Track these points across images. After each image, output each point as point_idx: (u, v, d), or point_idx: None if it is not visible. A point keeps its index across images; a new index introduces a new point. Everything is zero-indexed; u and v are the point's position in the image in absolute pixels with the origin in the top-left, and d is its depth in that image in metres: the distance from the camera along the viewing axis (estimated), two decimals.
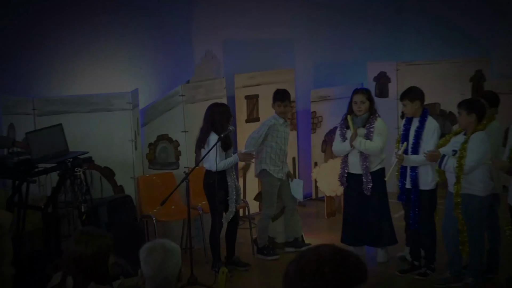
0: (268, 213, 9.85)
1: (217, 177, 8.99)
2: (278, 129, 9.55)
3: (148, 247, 4.75)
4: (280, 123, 9.57)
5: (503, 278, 8.61)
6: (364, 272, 3.09)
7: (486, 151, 8.07)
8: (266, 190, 9.88)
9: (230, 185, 9.23)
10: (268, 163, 9.65)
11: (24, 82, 9.71)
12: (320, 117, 12.04)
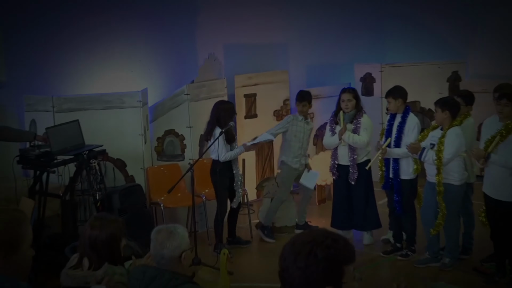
0: (282, 198, 9.92)
1: (223, 166, 9.09)
2: (298, 125, 9.59)
3: (157, 228, 4.82)
4: (299, 120, 9.61)
5: (476, 259, 8.63)
6: (353, 253, 3.10)
7: (461, 145, 8.11)
8: (283, 177, 9.93)
9: (235, 173, 9.31)
10: (287, 155, 9.72)
11: (44, 82, 9.71)
12: (311, 114, 12.01)
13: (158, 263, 4.72)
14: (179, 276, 4.64)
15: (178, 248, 4.68)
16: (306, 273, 3.01)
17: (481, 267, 8.41)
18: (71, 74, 10.02)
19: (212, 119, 9.20)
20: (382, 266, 8.90)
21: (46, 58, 9.71)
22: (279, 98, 11.71)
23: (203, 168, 9.75)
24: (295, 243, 3.08)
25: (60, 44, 9.79)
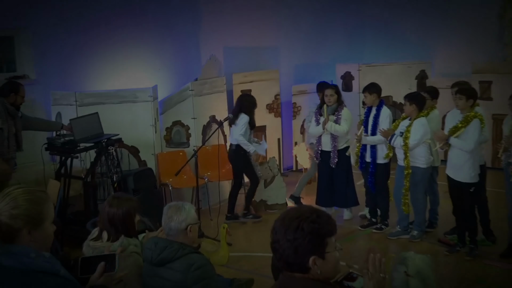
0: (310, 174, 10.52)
1: (242, 150, 9.39)
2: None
3: (169, 204, 4.91)
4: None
5: (440, 232, 8.65)
6: (334, 227, 3.12)
7: (425, 133, 8.17)
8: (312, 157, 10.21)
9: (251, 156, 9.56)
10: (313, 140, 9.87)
11: (68, 79, 9.68)
12: (299, 107, 12.03)
13: (167, 234, 4.78)
14: (186, 247, 4.68)
15: (184, 222, 4.72)
16: (294, 244, 3.03)
17: (444, 238, 8.45)
18: (92, 73, 9.99)
19: (237, 108, 9.44)
20: (360, 238, 8.91)
21: (70, 58, 9.68)
22: (271, 93, 11.69)
23: (205, 154, 9.78)
24: (285, 219, 3.10)
25: (82, 46, 9.75)
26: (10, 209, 2.86)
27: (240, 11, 11.66)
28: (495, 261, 7.78)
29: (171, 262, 4.64)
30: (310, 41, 12.79)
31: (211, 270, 4.67)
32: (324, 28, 13.00)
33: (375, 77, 10.64)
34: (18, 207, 2.87)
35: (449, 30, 12.64)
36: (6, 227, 2.85)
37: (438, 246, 8.37)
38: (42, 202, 2.94)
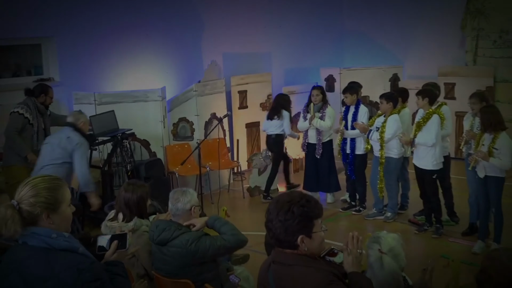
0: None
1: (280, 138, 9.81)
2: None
3: (174, 190, 4.94)
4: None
5: (411, 213, 8.67)
6: (321, 210, 3.14)
7: (398, 128, 8.20)
8: None
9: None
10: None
11: (88, 82, 9.66)
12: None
13: (174, 215, 4.81)
14: (181, 227, 4.72)
15: (189, 203, 4.77)
16: (285, 225, 3.05)
17: (414, 219, 8.49)
18: (109, 75, 9.97)
19: (276, 105, 9.77)
20: (341, 219, 8.91)
21: (90, 63, 9.67)
22: (264, 94, 11.65)
23: (207, 146, 9.78)
24: (278, 202, 3.11)
25: (100, 52, 9.74)
26: (29, 197, 2.84)
27: (237, 21, 11.63)
28: (457, 239, 7.82)
29: (170, 241, 4.67)
30: (298, 48, 12.76)
31: (205, 240, 4.65)
32: (310, 36, 12.96)
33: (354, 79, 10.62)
34: (36, 195, 2.85)
35: (418, 39, 12.64)
36: (27, 213, 2.84)
37: (408, 226, 8.39)
38: (58, 188, 2.93)
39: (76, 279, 2.76)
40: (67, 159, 6.86)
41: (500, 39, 11.53)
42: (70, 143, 6.87)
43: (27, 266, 2.81)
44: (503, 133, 6.87)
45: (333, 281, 3.00)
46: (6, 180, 7.62)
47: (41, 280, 2.78)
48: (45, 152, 6.98)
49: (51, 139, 7.13)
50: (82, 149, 6.98)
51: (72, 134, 6.96)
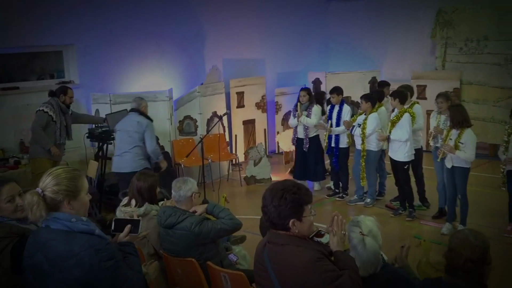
0: None
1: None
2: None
3: (175, 179, 4.94)
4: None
5: (387, 199, 8.69)
6: (311, 197, 3.16)
7: (377, 124, 8.25)
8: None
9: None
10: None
11: (104, 84, 9.66)
12: (280, 105, 12.00)
13: (177, 201, 4.84)
14: (186, 212, 4.74)
15: (190, 190, 4.79)
16: (278, 209, 3.06)
17: (390, 204, 8.51)
18: (122, 78, 9.97)
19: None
20: (326, 204, 8.92)
21: (106, 67, 9.67)
22: (259, 95, 11.64)
23: (209, 141, 9.76)
24: (273, 189, 3.13)
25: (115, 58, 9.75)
26: (53, 185, 2.85)
27: (235, 31, 11.62)
28: (428, 221, 7.86)
29: (176, 225, 4.68)
30: (289, 54, 12.75)
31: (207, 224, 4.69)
32: (299, 44, 12.95)
33: (338, 82, 10.65)
34: (58, 184, 2.86)
35: (394, 46, 12.65)
36: (50, 199, 2.85)
37: (385, 210, 8.41)
38: (77, 178, 2.94)
39: (94, 258, 2.77)
40: (138, 143, 7.29)
41: (465, 46, 11.54)
42: (141, 126, 7.28)
43: (50, 246, 2.82)
44: (469, 129, 6.90)
45: (321, 258, 3.01)
46: (32, 171, 7.64)
47: (63, 259, 2.78)
48: (121, 138, 7.42)
49: (123, 126, 7.41)
50: (150, 129, 7.41)
51: (140, 118, 7.37)
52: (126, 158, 7.31)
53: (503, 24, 10.97)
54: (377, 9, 12.84)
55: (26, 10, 8.59)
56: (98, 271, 2.77)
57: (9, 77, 9.12)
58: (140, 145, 7.31)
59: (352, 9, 13.24)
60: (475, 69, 11.43)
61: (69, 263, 2.77)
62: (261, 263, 3.18)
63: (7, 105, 8.62)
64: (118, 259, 2.89)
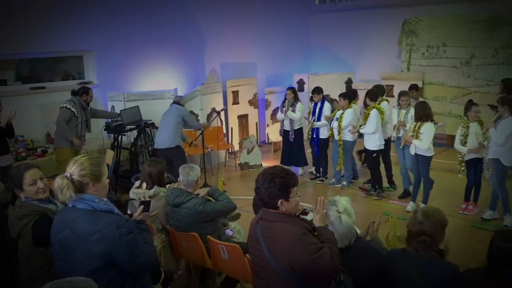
0: None
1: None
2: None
3: (183, 166, 4.93)
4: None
5: (361, 182, 8.72)
6: (296, 181, 3.17)
7: (353, 118, 8.26)
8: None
9: None
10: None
11: (119, 83, 9.65)
12: (270, 102, 11.99)
13: (185, 185, 4.82)
14: (191, 194, 4.74)
15: (196, 176, 4.80)
16: (268, 191, 3.07)
17: (363, 186, 8.54)
18: (134, 79, 9.94)
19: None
20: (309, 186, 8.94)
21: (120, 70, 9.67)
22: (251, 93, 11.61)
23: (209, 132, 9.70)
24: (264, 174, 3.15)
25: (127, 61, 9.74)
26: (79, 171, 2.87)
27: (231, 38, 11.60)
28: (395, 201, 7.91)
29: (182, 204, 4.69)
30: (277, 58, 12.73)
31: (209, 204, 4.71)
32: (286, 50, 12.92)
33: (319, 82, 10.67)
34: (84, 169, 2.88)
35: (366, 52, 12.63)
36: (77, 182, 2.86)
37: (359, 191, 8.44)
38: (100, 164, 2.97)
39: (115, 233, 2.79)
40: (175, 126, 7.97)
41: (427, 52, 11.56)
42: (181, 111, 8.12)
43: (77, 223, 2.84)
44: (429, 122, 6.94)
45: (305, 233, 3.03)
46: (56, 158, 7.64)
47: (89, 234, 2.80)
48: (163, 122, 8.06)
49: (169, 112, 8.10)
50: (188, 113, 8.34)
51: (179, 106, 8.18)
52: (164, 136, 7.92)
53: (459, 33, 11.00)
54: (352, 20, 12.82)
55: (52, 21, 8.55)
56: (119, 244, 2.79)
57: (37, 78, 9.12)
58: (176, 127, 7.94)
59: (330, 20, 13.21)
60: (435, 71, 11.47)
61: (94, 237, 2.79)
62: (255, 236, 3.19)
63: (36, 102, 8.60)
64: (136, 234, 2.90)
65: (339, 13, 13.09)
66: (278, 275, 3.05)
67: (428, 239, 3.22)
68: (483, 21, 10.67)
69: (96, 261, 2.78)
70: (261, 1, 12.17)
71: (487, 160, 6.79)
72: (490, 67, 10.73)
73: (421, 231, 3.24)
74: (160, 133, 8.06)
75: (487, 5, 10.70)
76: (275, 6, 12.50)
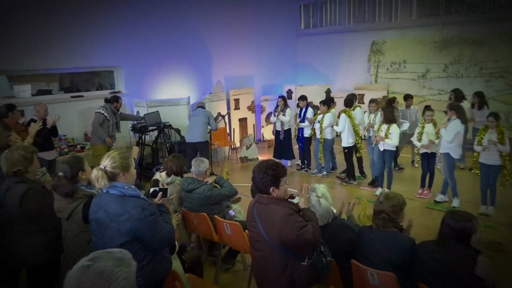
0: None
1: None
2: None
3: (195, 159, 4.91)
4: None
5: (338, 172, 8.72)
6: (285, 172, 3.16)
7: (331, 121, 8.20)
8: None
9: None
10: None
11: (143, 93, 9.59)
12: (264, 107, 11.96)
13: (196, 174, 4.81)
14: (201, 182, 4.74)
15: (205, 167, 4.80)
16: (262, 180, 3.07)
17: (340, 175, 8.51)
18: (155, 89, 9.88)
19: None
20: (296, 176, 8.91)
21: (144, 81, 9.60)
22: (249, 100, 11.53)
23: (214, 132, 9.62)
24: (259, 166, 3.14)
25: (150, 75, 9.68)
26: (111, 163, 2.87)
27: (233, 55, 11.55)
28: (366, 187, 7.89)
29: (194, 190, 4.68)
30: (270, 72, 12.69)
31: (216, 190, 4.71)
32: (278, 65, 12.89)
33: (304, 92, 10.65)
34: (115, 162, 2.88)
35: (343, 67, 12.63)
36: (110, 173, 2.87)
37: (336, 179, 8.41)
38: (128, 157, 2.96)
39: (140, 214, 2.79)
40: (203, 124, 8.06)
41: (391, 67, 11.57)
42: (207, 112, 8.20)
43: (110, 206, 2.84)
44: (395, 124, 7.00)
45: (292, 213, 3.03)
46: (92, 153, 7.59)
47: (119, 214, 2.80)
48: (193, 121, 8.12)
49: (197, 114, 8.18)
50: (212, 115, 8.28)
51: (203, 109, 8.29)
52: (196, 132, 8.02)
53: (416, 52, 11.02)
54: (330, 42, 12.80)
55: (89, 42, 8.51)
56: (143, 223, 2.78)
57: (76, 89, 9.07)
58: (205, 126, 8.07)
59: (313, 41, 13.20)
60: (397, 83, 11.47)
61: (123, 217, 2.79)
62: (252, 216, 3.20)
63: (75, 108, 8.55)
64: (157, 215, 2.90)
65: (320, 36, 13.08)
66: (271, 247, 3.06)
67: (386, 216, 3.27)
68: (436, 42, 10.70)
69: (124, 237, 2.78)
70: (257, 27, 12.14)
71: (439, 154, 6.83)
72: (441, 79, 10.75)
73: (381, 210, 3.28)
74: (192, 130, 8.07)
75: (439, 29, 10.74)
76: (269, 30, 12.48)
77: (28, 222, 3.46)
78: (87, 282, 1.39)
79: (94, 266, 1.43)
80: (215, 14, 11.01)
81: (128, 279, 1.46)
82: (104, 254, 1.50)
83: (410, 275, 3.19)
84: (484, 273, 2.85)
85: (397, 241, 3.25)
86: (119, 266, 1.45)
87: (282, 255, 3.05)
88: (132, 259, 1.56)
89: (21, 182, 3.44)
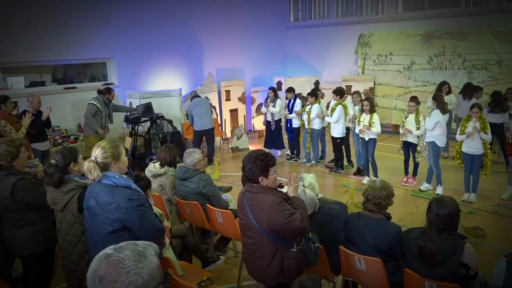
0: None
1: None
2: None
3: (186, 150, 4.85)
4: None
5: (326, 161, 8.73)
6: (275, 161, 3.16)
7: (319, 112, 8.19)
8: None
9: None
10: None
11: (135, 84, 9.51)
12: (255, 99, 11.92)
13: (187, 164, 4.75)
14: (196, 171, 4.70)
15: (199, 159, 4.73)
16: (251, 170, 3.06)
17: (328, 164, 8.52)
18: (147, 80, 9.80)
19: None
20: (285, 165, 8.92)
21: (136, 73, 9.52)
22: (240, 92, 11.50)
23: None
24: (249, 156, 3.12)
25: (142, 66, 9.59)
26: (102, 154, 2.83)
27: (224, 48, 11.47)
28: (353, 176, 7.91)
29: (189, 178, 4.64)
30: (261, 64, 12.63)
31: (211, 181, 4.69)
32: (268, 57, 12.83)
33: (293, 84, 10.63)
34: (106, 152, 2.83)
35: (331, 60, 12.59)
36: (102, 163, 2.83)
37: (325, 169, 8.42)
38: (117, 146, 2.92)
39: (128, 204, 2.76)
40: (210, 111, 8.56)
41: (377, 59, 11.57)
42: (209, 101, 8.74)
43: (100, 195, 2.81)
44: (375, 113, 7.11)
45: (281, 201, 3.03)
46: (85, 144, 7.53)
47: (107, 204, 2.78)
48: (201, 109, 8.42)
49: (202, 103, 8.50)
50: (209, 103, 8.72)
51: (203, 98, 8.68)
52: (207, 120, 8.43)
53: (402, 44, 11.02)
54: (319, 34, 12.75)
55: (81, 34, 8.39)
56: (131, 213, 2.76)
57: (69, 80, 8.96)
58: (210, 113, 8.40)
59: (302, 34, 13.14)
60: (384, 74, 11.48)
61: (111, 206, 2.77)
62: (242, 205, 3.19)
63: (68, 99, 8.46)
64: (146, 206, 2.87)
65: (309, 29, 13.01)
66: (261, 235, 3.06)
67: (383, 202, 3.31)
68: (421, 35, 10.70)
69: (113, 225, 2.77)
70: (247, 19, 12.04)
71: (425, 143, 6.87)
72: (426, 71, 10.78)
73: (379, 196, 3.30)
74: (202, 119, 8.39)
75: (424, 23, 10.74)
76: (258, 23, 12.39)
77: (21, 213, 3.42)
78: (103, 269, 1.40)
79: (114, 255, 1.42)
80: (206, 7, 10.89)
81: (140, 275, 1.40)
82: (129, 245, 1.49)
83: (394, 260, 3.22)
84: (471, 261, 2.87)
85: (384, 228, 3.27)
86: (135, 261, 1.42)
87: (271, 242, 3.05)
88: (154, 256, 1.48)
89: (11, 174, 3.41)
